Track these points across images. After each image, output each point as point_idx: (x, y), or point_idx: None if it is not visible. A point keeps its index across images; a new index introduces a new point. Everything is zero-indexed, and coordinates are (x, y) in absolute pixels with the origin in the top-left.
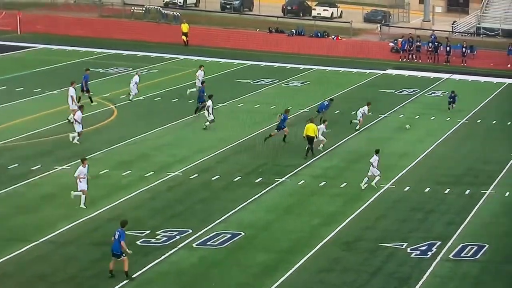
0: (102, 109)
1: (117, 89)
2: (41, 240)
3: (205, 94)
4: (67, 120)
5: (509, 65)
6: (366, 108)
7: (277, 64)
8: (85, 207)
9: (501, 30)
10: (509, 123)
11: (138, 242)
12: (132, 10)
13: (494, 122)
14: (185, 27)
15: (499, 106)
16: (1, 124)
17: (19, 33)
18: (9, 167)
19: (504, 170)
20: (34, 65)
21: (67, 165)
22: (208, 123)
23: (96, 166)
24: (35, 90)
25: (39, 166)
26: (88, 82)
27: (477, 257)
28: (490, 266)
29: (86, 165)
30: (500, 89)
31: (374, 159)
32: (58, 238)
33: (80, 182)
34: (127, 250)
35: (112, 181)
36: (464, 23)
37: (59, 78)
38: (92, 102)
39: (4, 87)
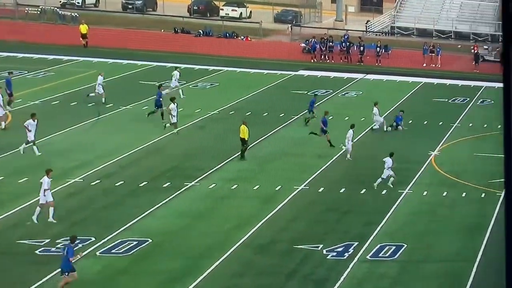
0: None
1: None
2: None
3: (161, 98)
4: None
5: (424, 64)
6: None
7: (184, 65)
8: (54, 221)
9: (416, 29)
10: (425, 122)
11: (37, 252)
12: (26, 11)
13: (410, 121)
14: (83, 28)
15: (415, 106)
16: None
17: None
18: None
19: (421, 170)
20: None
21: None
22: (169, 125)
23: None
24: None
25: None
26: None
27: (395, 257)
28: (409, 266)
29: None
30: (416, 88)
31: (388, 161)
32: None
33: (45, 195)
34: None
35: (9, 189)
36: (378, 22)
37: None
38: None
39: None
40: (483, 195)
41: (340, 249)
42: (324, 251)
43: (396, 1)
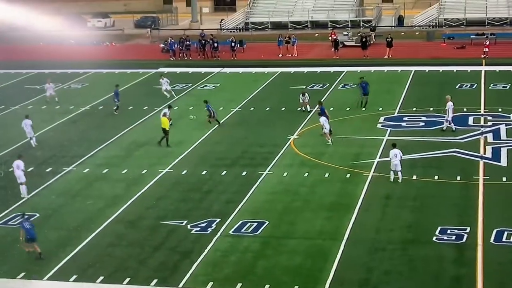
0: None
1: None
2: None
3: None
4: None
5: (280, 55)
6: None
7: (59, 71)
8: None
9: (270, 23)
10: (283, 108)
11: None
12: None
13: (268, 108)
14: None
15: (272, 94)
16: None
17: None
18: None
19: (281, 152)
20: None
21: None
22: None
23: None
24: None
25: None
26: None
27: (257, 232)
28: (272, 241)
29: None
30: (273, 77)
31: (393, 153)
32: None
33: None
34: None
35: None
36: (233, 20)
37: None
38: None
39: None
40: (348, 175)
41: (203, 225)
42: (188, 226)
43: None
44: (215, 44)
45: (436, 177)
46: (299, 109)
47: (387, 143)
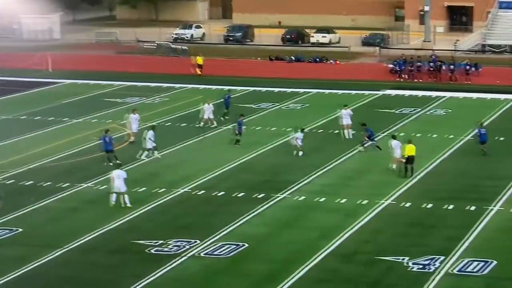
0: (120, 134)
1: None
2: (67, 247)
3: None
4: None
5: None
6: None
7: (277, 89)
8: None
9: (509, 46)
10: None
11: (151, 250)
12: (144, 46)
13: (502, 138)
14: (199, 60)
15: (506, 122)
16: (37, 148)
17: (50, 70)
18: (44, 185)
19: (509, 186)
20: (62, 97)
21: (90, 183)
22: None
23: None
24: (64, 119)
25: (68, 183)
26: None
27: (483, 272)
28: (497, 282)
29: None
30: (509, 105)
31: (396, 144)
32: (81, 245)
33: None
34: None
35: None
36: (468, 41)
37: (83, 108)
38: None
39: (39, 117)
40: None
41: (424, 262)
42: (408, 263)
43: (488, 18)
44: (451, 67)
45: None
46: None
47: None
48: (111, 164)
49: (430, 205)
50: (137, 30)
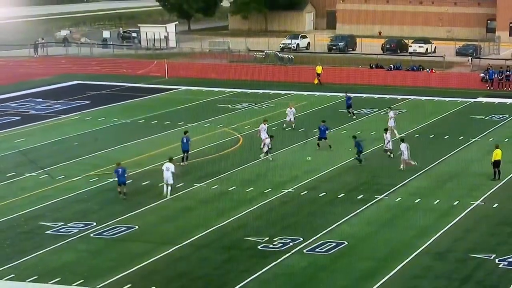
0: (230, 138)
1: (242, 121)
2: (182, 244)
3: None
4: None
5: None
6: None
7: (377, 95)
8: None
9: None
10: None
11: (259, 247)
12: (254, 55)
13: None
14: (319, 69)
15: None
16: (156, 150)
17: (166, 77)
18: (159, 185)
19: None
20: (178, 103)
21: (203, 183)
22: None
23: (226, 184)
24: (179, 123)
25: (182, 184)
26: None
27: None
28: None
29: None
30: None
31: (404, 147)
32: (195, 242)
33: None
34: None
35: (238, 196)
36: None
37: (197, 113)
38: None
39: (156, 121)
40: None
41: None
42: (497, 260)
43: None
44: None
45: None
46: None
47: None
48: (185, 163)
49: None
50: (248, 39)
